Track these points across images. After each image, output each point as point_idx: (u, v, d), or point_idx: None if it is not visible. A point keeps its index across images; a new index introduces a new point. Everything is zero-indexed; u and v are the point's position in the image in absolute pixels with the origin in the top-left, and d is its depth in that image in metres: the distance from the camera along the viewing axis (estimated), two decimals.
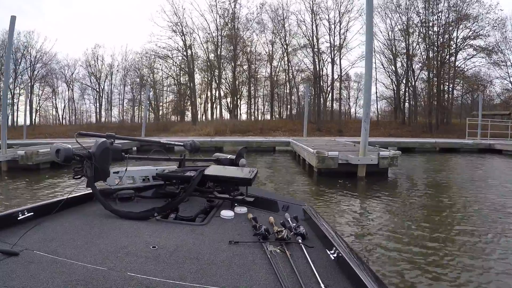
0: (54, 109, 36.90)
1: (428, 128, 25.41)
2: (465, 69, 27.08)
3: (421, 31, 26.67)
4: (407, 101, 29.06)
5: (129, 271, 1.23)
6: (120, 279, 1.15)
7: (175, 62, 31.48)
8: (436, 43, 26.42)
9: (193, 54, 30.88)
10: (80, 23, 54.91)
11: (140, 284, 1.11)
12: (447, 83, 27.41)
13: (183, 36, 29.69)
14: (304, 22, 29.01)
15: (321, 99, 29.74)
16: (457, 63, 26.92)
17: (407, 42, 27.44)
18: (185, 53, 30.30)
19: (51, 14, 52.38)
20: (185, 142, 2.95)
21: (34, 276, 1.14)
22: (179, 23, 29.39)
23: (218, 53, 30.13)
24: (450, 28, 25.88)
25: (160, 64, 32.72)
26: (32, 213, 1.77)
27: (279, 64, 31.75)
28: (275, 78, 32.12)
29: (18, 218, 1.70)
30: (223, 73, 31.75)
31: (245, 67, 31.52)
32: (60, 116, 37.02)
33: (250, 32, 30.56)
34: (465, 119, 28.59)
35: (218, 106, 32.04)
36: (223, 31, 30.09)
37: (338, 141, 16.15)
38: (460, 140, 18.83)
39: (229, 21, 29.84)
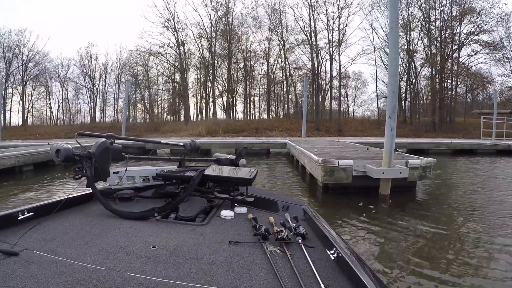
0: (48, 109, 35.80)
1: (432, 127, 23.36)
2: (469, 66, 24.95)
3: (424, 25, 24.54)
4: (408, 99, 26.86)
5: (129, 271, 1.21)
6: (120, 279, 1.13)
7: (167, 60, 29.26)
8: (438, 39, 24.26)
9: (186, 51, 28.83)
10: (73, 21, 53.26)
11: (140, 284, 1.10)
12: (449, 80, 25.21)
13: (175, 32, 27.41)
14: (302, 17, 26.86)
15: (320, 97, 27.43)
16: (460, 59, 24.80)
17: (408, 38, 25.32)
18: (177, 50, 27.97)
19: (43, 12, 50.10)
20: (185, 142, 2.90)
21: (34, 276, 1.12)
22: (171, 19, 27.17)
23: (212, 49, 27.74)
24: (454, 22, 23.73)
25: (155, 63, 30.67)
26: (32, 213, 1.73)
27: (276, 61, 29.79)
28: (272, 76, 29.94)
29: (18, 218, 1.67)
30: (218, 70, 29.71)
31: (241, 65, 29.31)
32: (54, 116, 35.95)
33: (245, 27, 28.56)
34: (469, 117, 26.53)
35: (212, 105, 29.75)
36: (217, 26, 27.79)
37: (344, 142, 13.63)
38: (475, 140, 16.75)
39: (223, 15, 27.48)
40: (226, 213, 1.97)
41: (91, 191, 2.00)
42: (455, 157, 13.79)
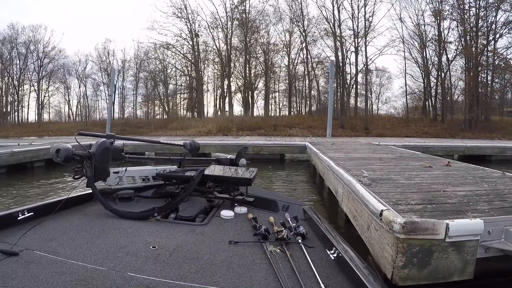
0: (66, 106, 36.16)
1: (468, 126, 21.57)
2: (507, 58, 23.00)
3: (459, 13, 22.78)
4: (439, 95, 25.17)
5: (129, 271, 1.23)
6: (120, 279, 1.15)
7: (180, 52, 29.03)
8: (474, 28, 22.46)
9: (199, 42, 28.87)
10: (86, 21, 53.61)
11: (140, 284, 1.12)
12: (483, 74, 23.37)
13: (188, 23, 26.65)
14: (324, 5, 25.49)
15: (345, 93, 26.05)
16: (497, 51, 22.89)
17: (439, 28, 23.70)
18: (190, 42, 27.46)
19: (55, 13, 51.09)
20: (185, 142, 2.93)
21: (34, 276, 1.14)
22: (183, 8, 26.80)
23: (228, 41, 26.88)
24: (492, 9, 21.85)
25: (171, 58, 30.07)
26: (32, 213, 1.77)
27: (297, 55, 28.59)
28: (293, 71, 28.83)
29: (18, 218, 1.71)
30: (237, 64, 28.93)
31: (261, 59, 28.35)
32: (73, 113, 36.33)
33: (264, 16, 27.84)
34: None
35: (227, 100, 28.87)
36: (233, 15, 26.93)
37: (387, 147, 9.93)
38: None
39: (239, 3, 26.88)
40: (226, 213, 1.98)
41: (91, 191, 2.04)
42: None
